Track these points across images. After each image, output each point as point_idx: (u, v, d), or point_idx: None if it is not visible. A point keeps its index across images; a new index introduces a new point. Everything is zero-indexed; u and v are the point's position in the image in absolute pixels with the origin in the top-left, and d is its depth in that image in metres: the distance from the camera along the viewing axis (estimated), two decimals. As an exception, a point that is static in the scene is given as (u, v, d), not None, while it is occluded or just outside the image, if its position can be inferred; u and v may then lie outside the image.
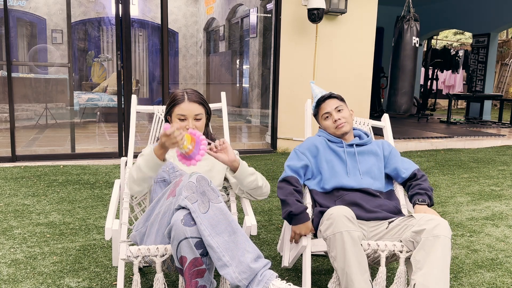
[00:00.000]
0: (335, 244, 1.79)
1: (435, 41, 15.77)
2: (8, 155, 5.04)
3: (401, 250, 1.88)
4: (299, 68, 5.99)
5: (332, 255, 1.81)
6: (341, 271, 1.76)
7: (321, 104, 2.31)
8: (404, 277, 1.89)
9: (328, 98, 2.30)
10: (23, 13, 10.55)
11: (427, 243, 1.77)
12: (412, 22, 6.10)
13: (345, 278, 1.75)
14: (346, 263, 1.75)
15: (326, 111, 2.28)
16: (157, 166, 1.83)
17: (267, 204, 3.66)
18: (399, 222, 1.98)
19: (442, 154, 6.15)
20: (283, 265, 2.33)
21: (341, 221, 1.79)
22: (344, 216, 1.81)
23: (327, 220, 1.84)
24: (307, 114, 2.59)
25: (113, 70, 10.32)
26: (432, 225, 1.80)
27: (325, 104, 2.29)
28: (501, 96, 10.13)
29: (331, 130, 2.27)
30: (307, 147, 2.25)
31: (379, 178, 2.21)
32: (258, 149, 6.10)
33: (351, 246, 1.76)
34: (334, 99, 2.30)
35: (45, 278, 2.29)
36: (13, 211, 3.31)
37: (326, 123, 2.29)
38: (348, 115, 2.28)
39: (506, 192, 4.21)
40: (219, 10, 10.87)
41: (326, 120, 2.29)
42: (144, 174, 1.85)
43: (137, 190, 1.92)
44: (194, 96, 2.07)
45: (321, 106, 2.30)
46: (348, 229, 1.78)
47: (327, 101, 2.29)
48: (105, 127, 7.66)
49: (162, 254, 1.75)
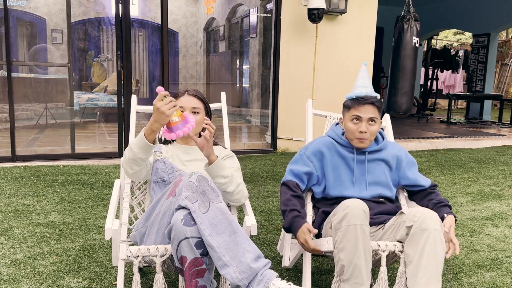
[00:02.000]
0: (347, 235, 1.76)
1: (435, 41, 15.77)
2: (8, 155, 5.04)
3: (402, 250, 1.89)
4: (299, 68, 5.99)
5: (341, 246, 1.77)
6: (348, 262, 1.75)
7: (359, 105, 2.03)
8: (405, 277, 1.89)
9: (370, 103, 2.03)
10: (23, 13, 10.55)
11: (416, 237, 1.78)
12: (412, 22, 6.10)
13: (351, 269, 1.75)
14: (357, 256, 1.74)
15: (359, 115, 2.03)
16: (147, 147, 1.81)
17: (267, 204, 3.66)
18: (393, 221, 1.99)
19: (442, 154, 6.15)
20: (283, 265, 2.33)
21: (358, 214, 1.77)
22: (361, 209, 1.79)
23: (343, 210, 1.80)
24: (308, 114, 2.56)
25: (113, 70, 10.32)
26: (420, 219, 1.81)
27: (363, 107, 2.03)
28: (501, 96, 10.13)
29: (351, 135, 2.07)
30: (313, 151, 2.14)
31: (387, 186, 2.13)
32: (258, 149, 6.10)
33: (363, 240, 1.75)
34: (374, 108, 2.04)
35: (45, 278, 2.29)
36: (13, 211, 3.31)
37: (350, 126, 2.07)
38: (376, 131, 2.07)
39: (506, 192, 4.21)
40: (219, 10, 10.87)
41: (353, 124, 2.05)
42: (135, 155, 1.83)
43: (130, 172, 1.91)
44: (194, 92, 2.12)
45: (357, 107, 2.04)
46: (362, 223, 1.77)
47: (367, 106, 2.03)
48: (105, 127, 7.66)
49: (162, 254, 1.75)
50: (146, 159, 1.87)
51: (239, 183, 2.01)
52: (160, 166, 2.01)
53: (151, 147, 1.82)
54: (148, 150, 1.83)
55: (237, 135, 7.32)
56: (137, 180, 2.00)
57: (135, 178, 1.96)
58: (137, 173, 1.92)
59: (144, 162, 1.89)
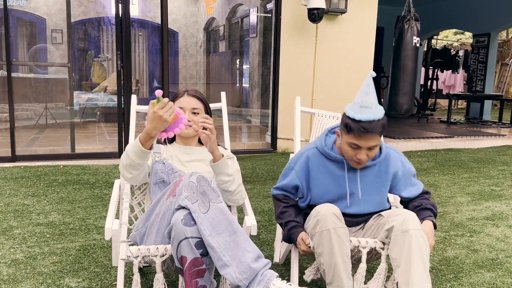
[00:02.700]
0: (321, 241, 1.80)
1: (435, 41, 15.77)
2: (8, 155, 5.04)
3: (382, 247, 1.90)
4: (299, 68, 5.99)
5: (319, 251, 1.82)
6: (328, 266, 1.78)
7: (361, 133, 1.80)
8: (384, 274, 1.91)
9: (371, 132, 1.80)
10: (23, 13, 10.55)
11: (398, 240, 1.79)
12: (413, 22, 6.10)
13: (331, 273, 1.78)
14: (333, 259, 1.77)
15: (358, 144, 1.84)
16: (143, 153, 1.81)
17: (267, 204, 3.66)
18: (373, 222, 2.00)
19: (442, 154, 6.15)
20: (275, 261, 2.35)
21: (329, 219, 1.80)
22: (332, 213, 1.82)
23: (315, 217, 1.85)
24: (296, 112, 2.54)
25: (113, 70, 10.32)
26: (400, 221, 1.81)
27: (365, 137, 1.81)
28: (501, 96, 10.13)
29: (347, 157, 1.92)
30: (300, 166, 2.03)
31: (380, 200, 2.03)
32: (258, 149, 6.09)
33: (337, 243, 1.78)
34: (376, 136, 1.83)
35: (45, 278, 2.29)
36: (13, 211, 3.31)
37: (347, 149, 1.89)
38: (375, 153, 1.90)
39: (506, 192, 4.21)
40: (219, 10, 10.87)
41: (351, 149, 1.88)
42: (132, 161, 1.84)
43: (129, 177, 1.91)
44: (194, 92, 2.13)
45: (359, 135, 1.81)
46: (335, 226, 1.79)
47: (369, 135, 1.81)
48: (105, 127, 7.65)
49: (162, 254, 1.75)
50: (144, 163, 1.87)
51: (239, 183, 2.03)
52: (159, 167, 2.01)
53: (147, 153, 1.82)
54: (145, 156, 1.83)
55: (237, 135, 7.32)
56: (135, 183, 2.00)
57: (133, 182, 1.96)
58: (136, 176, 1.92)
59: (142, 166, 1.89)
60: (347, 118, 1.85)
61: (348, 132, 1.85)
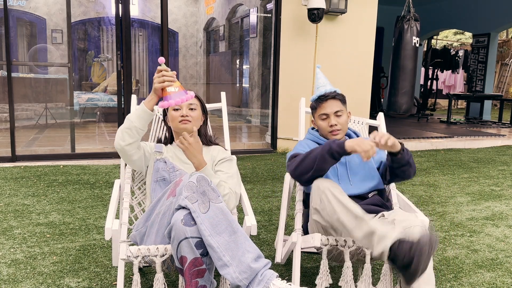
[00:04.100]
0: (323, 198, 1.85)
1: (435, 41, 15.77)
2: (8, 155, 5.04)
3: None
4: (299, 68, 5.99)
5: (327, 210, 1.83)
6: (342, 212, 1.80)
7: (322, 102, 2.16)
8: (389, 275, 1.91)
9: (331, 98, 2.16)
10: (23, 13, 10.55)
11: None
12: (412, 22, 6.10)
13: (347, 218, 1.79)
14: (342, 203, 1.80)
15: (325, 112, 2.15)
16: (144, 114, 1.89)
17: (267, 204, 3.66)
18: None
19: (442, 154, 6.15)
20: (276, 261, 2.35)
21: (327, 183, 1.89)
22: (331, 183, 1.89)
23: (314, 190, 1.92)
24: (301, 113, 2.59)
25: (113, 70, 10.32)
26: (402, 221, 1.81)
27: (326, 104, 2.15)
28: (501, 96, 10.13)
29: (324, 132, 2.18)
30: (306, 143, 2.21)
31: (371, 178, 2.17)
32: (258, 149, 6.10)
33: (340, 194, 1.83)
34: (337, 102, 2.16)
35: (45, 278, 2.29)
36: (13, 211, 3.31)
37: (321, 124, 2.18)
38: (345, 121, 2.17)
39: (506, 192, 4.21)
40: (219, 10, 10.87)
41: (322, 121, 2.18)
42: (130, 123, 1.90)
43: (122, 144, 1.92)
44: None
45: (321, 105, 2.16)
46: (333, 185, 1.87)
47: (329, 101, 2.15)
48: (105, 127, 7.65)
49: (162, 254, 1.75)
50: (140, 130, 1.91)
51: (225, 193, 1.96)
52: (161, 166, 2.02)
53: (148, 115, 1.89)
54: (145, 118, 1.89)
55: (237, 135, 7.32)
56: (128, 162, 2.01)
57: (126, 155, 1.96)
58: (129, 146, 1.93)
59: (138, 136, 1.92)
60: (311, 103, 2.24)
61: (315, 110, 2.20)
